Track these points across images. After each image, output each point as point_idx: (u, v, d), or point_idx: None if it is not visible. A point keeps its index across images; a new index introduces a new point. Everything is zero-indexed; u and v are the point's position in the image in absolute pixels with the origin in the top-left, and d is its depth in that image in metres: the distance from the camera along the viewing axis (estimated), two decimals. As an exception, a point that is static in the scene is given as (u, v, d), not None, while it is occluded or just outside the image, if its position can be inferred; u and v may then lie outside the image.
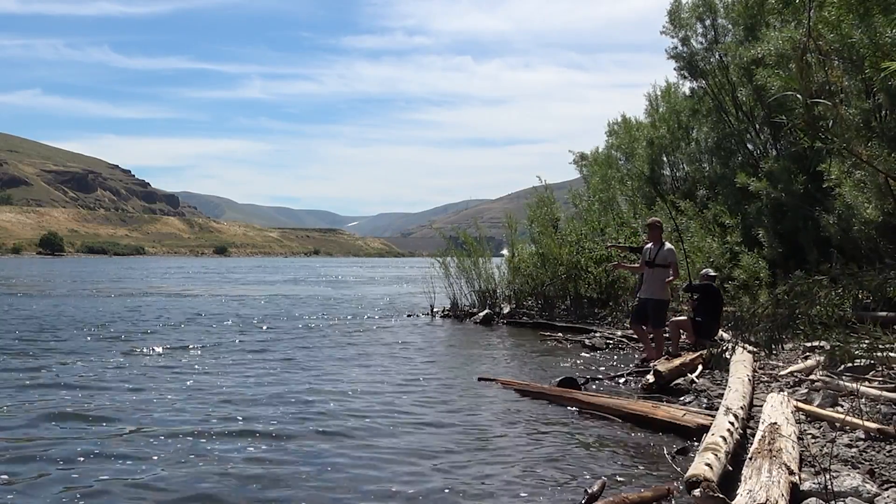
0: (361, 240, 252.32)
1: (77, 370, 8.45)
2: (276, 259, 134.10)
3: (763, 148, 14.03)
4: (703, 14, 14.55)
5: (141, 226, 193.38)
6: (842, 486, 3.75)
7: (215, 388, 7.48)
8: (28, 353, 9.67)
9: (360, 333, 12.93)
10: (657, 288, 8.64)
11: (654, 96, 17.58)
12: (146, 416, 6.25)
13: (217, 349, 10.50)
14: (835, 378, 6.18)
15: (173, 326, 13.65)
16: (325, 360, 9.66)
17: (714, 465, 3.97)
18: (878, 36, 6.76)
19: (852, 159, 7.81)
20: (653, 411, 5.91)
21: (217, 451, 5.19)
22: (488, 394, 7.39)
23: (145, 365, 8.97)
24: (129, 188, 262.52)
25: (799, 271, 8.48)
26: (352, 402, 6.94)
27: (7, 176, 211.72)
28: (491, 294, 15.32)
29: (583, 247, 14.25)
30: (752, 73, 11.69)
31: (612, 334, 11.43)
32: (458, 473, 4.77)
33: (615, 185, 17.38)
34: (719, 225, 13.32)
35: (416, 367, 9.09)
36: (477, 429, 5.93)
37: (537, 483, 4.57)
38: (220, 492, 4.40)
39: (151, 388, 7.43)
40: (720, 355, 7.08)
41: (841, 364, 6.18)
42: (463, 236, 16.26)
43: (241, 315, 16.25)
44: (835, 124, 6.73)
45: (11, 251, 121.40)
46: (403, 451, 5.27)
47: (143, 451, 5.18)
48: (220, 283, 33.43)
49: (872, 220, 8.82)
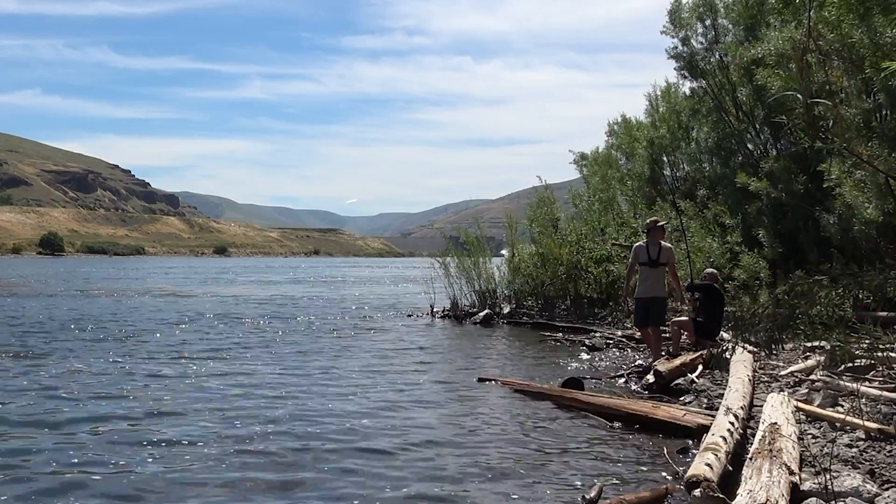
0: (361, 240, 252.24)
1: (57, 372, 8.43)
2: (275, 259, 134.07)
3: (763, 148, 14.01)
4: (704, 14, 14.54)
5: (141, 226, 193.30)
6: (842, 487, 3.75)
7: (215, 388, 7.48)
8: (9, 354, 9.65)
9: (360, 334, 12.92)
10: (660, 286, 8.68)
11: (655, 96, 17.56)
12: (145, 420, 6.25)
13: (217, 349, 10.49)
14: (835, 378, 6.18)
15: (172, 327, 13.64)
16: (325, 360, 9.65)
17: (714, 465, 3.97)
18: (878, 36, 6.76)
19: (852, 159, 7.80)
20: (653, 411, 5.91)
21: (217, 450, 5.19)
22: (488, 394, 7.39)
23: (145, 368, 8.96)
24: (129, 188, 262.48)
25: (799, 271, 8.51)
26: (351, 402, 6.94)
27: (7, 176, 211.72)
28: (491, 294, 15.32)
29: (583, 247, 14.26)
30: (753, 73, 11.67)
31: (612, 334, 11.43)
32: (455, 473, 4.77)
33: (615, 185, 17.37)
34: (719, 225, 13.31)
35: (416, 367, 9.08)
36: (476, 429, 5.92)
37: (537, 484, 4.56)
38: (221, 493, 4.40)
39: (152, 391, 7.43)
40: (720, 355, 7.10)
41: (841, 364, 6.17)
42: (464, 235, 16.26)
43: (240, 316, 16.25)
44: (835, 124, 6.72)
45: (11, 251, 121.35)
46: (401, 450, 5.26)
47: (134, 456, 5.18)
48: (220, 284, 33.41)
49: (873, 220, 8.81)
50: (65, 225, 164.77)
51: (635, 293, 8.86)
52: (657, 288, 8.66)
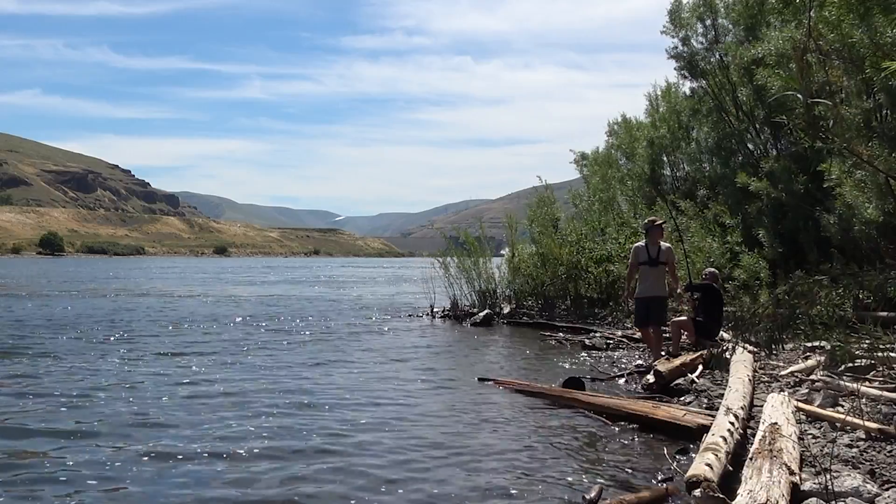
0: (361, 240, 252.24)
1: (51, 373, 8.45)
2: (275, 259, 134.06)
3: (763, 148, 14.01)
4: (704, 14, 14.54)
5: (141, 226, 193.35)
6: (842, 487, 3.74)
7: (212, 388, 7.48)
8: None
9: (360, 334, 12.91)
10: (661, 286, 8.69)
11: (655, 96, 17.56)
12: (146, 427, 6.25)
13: (216, 350, 10.49)
14: (835, 378, 6.18)
15: (171, 329, 13.64)
16: (325, 360, 9.64)
17: (714, 465, 3.97)
18: (878, 36, 6.75)
19: (853, 159, 7.79)
20: (653, 411, 5.91)
21: (214, 452, 5.19)
22: (488, 394, 7.38)
23: (146, 369, 8.97)
24: (129, 188, 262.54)
25: (799, 271, 8.48)
26: (350, 402, 6.93)
27: (7, 176, 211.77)
28: (491, 294, 15.32)
29: (583, 247, 14.25)
30: (753, 72, 11.67)
31: (612, 334, 11.42)
32: (456, 473, 4.76)
33: (615, 185, 17.37)
34: (719, 225, 13.30)
35: (415, 367, 9.08)
36: (476, 429, 5.92)
37: (536, 484, 4.56)
38: (221, 493, 4.40)
39: (152, 393, 7.43)
40: (720, 355, 7.09)
41: (841, 364, 6.16)
42: (464, 235, 16.25)
43: (240, 317, 16.24)
44: (835, 124, 6.71)
45: (11, 251, 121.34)
46: (401, 450, 5.26)
47: (129, 467, 5.17)
48: (219, 285, 33.41)
49: (873, 220, 8.81)
50: (65, 225, 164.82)
51: (636, 293, 8.86)
52: (657, 287, 8.67)
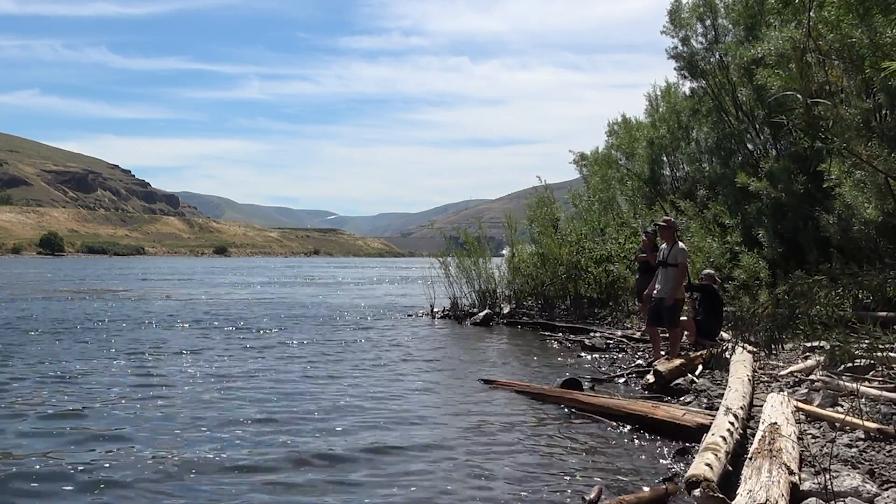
0: (361, 240, 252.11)
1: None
2: (275, 259, 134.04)
3: (763, 148, 14.01)
4: (704, 14, 14.54)
5: (141, 226, 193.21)
6: (842, 486, 3.75)
7: (212, 389, 7.48)
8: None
9: (360, 334, 12.91)
10: (671, 287, 8.57)
11: (654, 96, 17.56)
12: (147, 430, 6.25)
13: (215, 351, 10.49)
14: (835, 378, 6.18)
15: (169, 329, 13.64)
16: (324, 361, 9.65)
17: (714, 464, 3.97)
18: (878, 36, 6.75)
19: (852, 159, 7.80)
20: (653, 411, 5.91)
21: (213, 451, 5.19)
22: (488, 394, 7.38)
23: (148, 370, 8.97)
24: (129, 188, 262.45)
25: (799, 271, 8.48)
26: (350, 402, 6.93)
27: (7, 176, 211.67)
28: (491, 294, 15.32)
29: (583, 247, 14.26)
30: (753, 73, 11.67)
31: (612, 334, 11.42)
32: (456, 474, 4.77)
33: (615, 185, 17.36)
34: (719, 225, 13.30)
35: (415, 368, 9.08)
36: (476, 430, 5.92)
37: (537, 484, 4.57)
38: (220, 495, 4.40)
39: (136, 392, 7.43)
40: (720, 355, 7.09)
41: (841, 364, 6.16)
42: (464, 235, 16.24)
43: (240, 318, 16.24)
44: (835, 124, 6.71)
45: (11, 251, 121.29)
46: (401, 451, 5.26)
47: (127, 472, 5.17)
48: (217, 285, 33.40)
49: (872, 220, 8.82)
50: (65, 225, 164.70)
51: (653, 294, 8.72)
52: (666, 289, 8.60)
